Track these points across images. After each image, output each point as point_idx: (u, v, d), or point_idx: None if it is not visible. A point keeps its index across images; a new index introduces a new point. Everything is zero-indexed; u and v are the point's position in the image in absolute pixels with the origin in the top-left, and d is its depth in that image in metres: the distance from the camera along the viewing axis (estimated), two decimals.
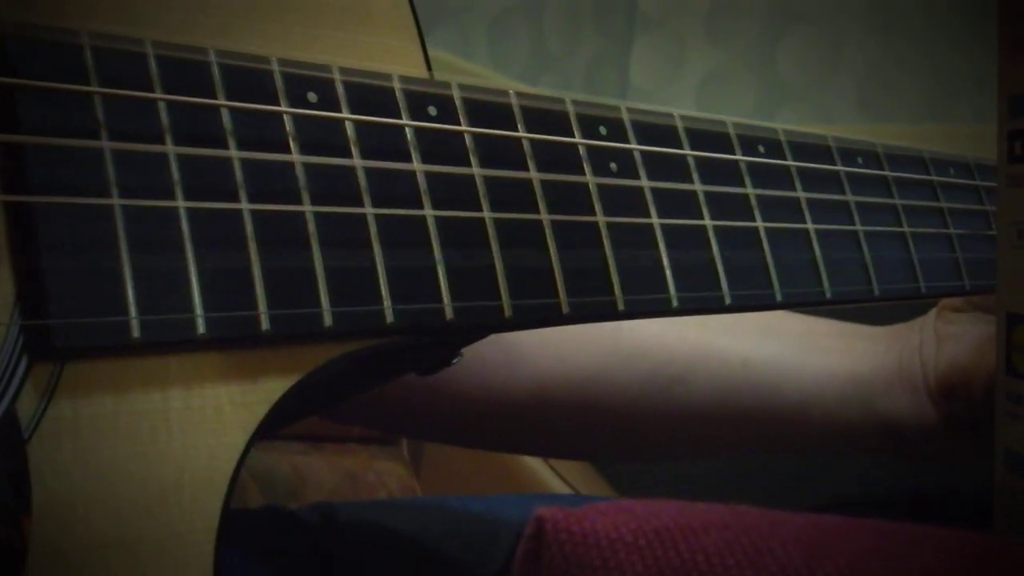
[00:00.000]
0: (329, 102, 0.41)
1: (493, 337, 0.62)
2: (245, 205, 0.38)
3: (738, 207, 0.50)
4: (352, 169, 0.40)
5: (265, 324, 0.37)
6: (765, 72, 1.80)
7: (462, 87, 0.44)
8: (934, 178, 0.58)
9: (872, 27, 1.75)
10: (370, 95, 0.42)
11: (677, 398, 0.65)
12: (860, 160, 0.55)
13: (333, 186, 0.40)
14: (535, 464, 1.18)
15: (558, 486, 1.16)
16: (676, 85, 1.83)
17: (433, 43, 0.44)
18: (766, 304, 0.50)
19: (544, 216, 0.44)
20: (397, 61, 0.44)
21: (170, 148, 0.37)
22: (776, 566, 0.38)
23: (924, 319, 0.67)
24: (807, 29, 1.78)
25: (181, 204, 0.36)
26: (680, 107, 0.51)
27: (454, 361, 0.47)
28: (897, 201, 0.56)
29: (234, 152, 0.38)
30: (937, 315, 0.66)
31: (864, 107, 1.75)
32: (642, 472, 1.04)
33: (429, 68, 0.44)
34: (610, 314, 0.45)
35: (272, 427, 0.39)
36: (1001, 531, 0.50)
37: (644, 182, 0.47)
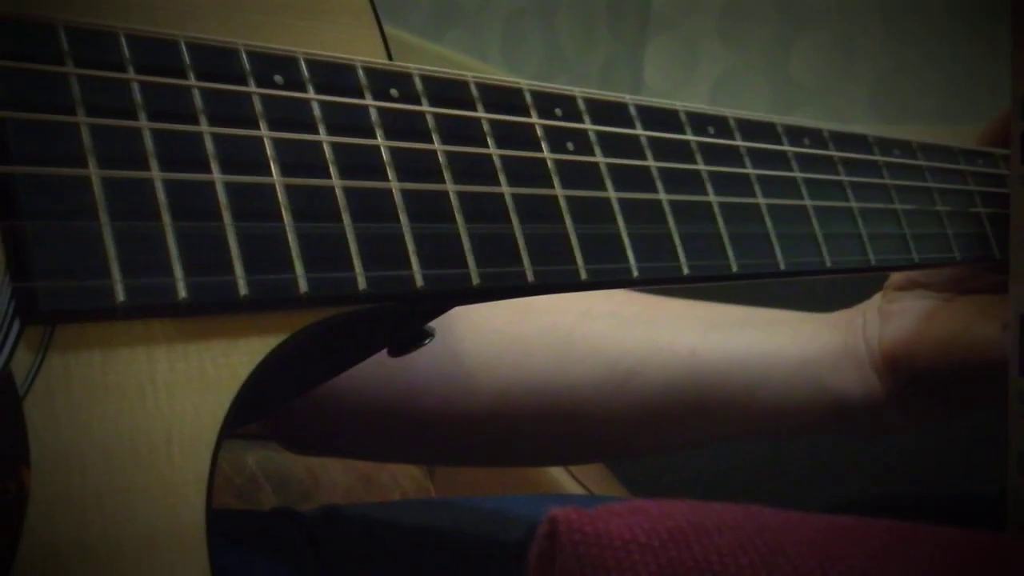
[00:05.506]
0: (295, 84, 0.42)
1: (450, 350, 0.64)
2: (218, 176, 0.39)
3: (692, 183, 0.52)
4: (319, 144, 0.42)
5: (243, 290, 0.39)
6: (778, 74, 1.80)
7: (421, 70, 0.45)
8: (878, 158, 0.60)
9: (884, 32, 1.75)
10: (334, 77, 0.43)
11: (631, 392, 0.67)
12: (807, 141, 0.57)
13: (301, 159, 0.41)
14: None
15: (572, 487, 1.16)
16: (690, 87, 1.83)
17: (446, 44, 0.46)
18: (722, 275, 0.51)
19: (505, 188, 0.46)
20: (358, 49, 0.45)
21: (144, 124, 0.38)
22: (789, 566, 0.38)
23: (867, 303, 0.69)
24: (820, 32, 1.78)
25: (157, 175, 0.38)
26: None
27: (426, 342, 0.48)
28: (843, 177, 0.58)
29: (205, 127, 0.40)
30: (882, 295, 0.68)
31: (877, 110, 1.75)
32: (656, 473, 1.04)
33: (389, 55, 0.46)
34: (574, 283, 0.47)
35: (257, 403, 0.41)
36: (1014, 532, 0.50)
37: (599, 158, 0.49)
